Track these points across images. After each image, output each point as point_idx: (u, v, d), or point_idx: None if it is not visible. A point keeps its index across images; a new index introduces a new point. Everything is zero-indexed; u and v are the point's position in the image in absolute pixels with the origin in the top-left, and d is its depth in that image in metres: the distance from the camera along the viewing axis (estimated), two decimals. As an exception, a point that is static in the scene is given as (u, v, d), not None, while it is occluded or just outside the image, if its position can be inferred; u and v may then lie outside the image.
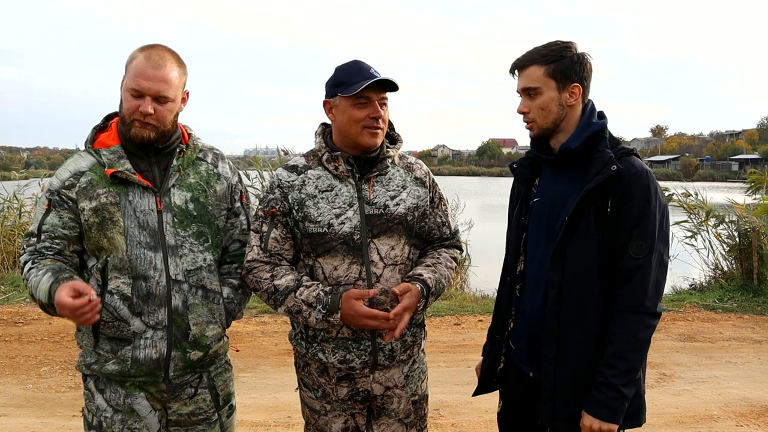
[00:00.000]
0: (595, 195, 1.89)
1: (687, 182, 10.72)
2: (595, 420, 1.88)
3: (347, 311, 1.99)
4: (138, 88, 1.96)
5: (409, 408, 2.22)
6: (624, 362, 1.87)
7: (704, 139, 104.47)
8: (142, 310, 1.99)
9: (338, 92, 2.06)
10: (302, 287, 2.04)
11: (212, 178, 2.15)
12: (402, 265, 2.12)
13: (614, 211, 1.88)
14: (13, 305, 6.84)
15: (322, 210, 2.07)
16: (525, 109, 2.01)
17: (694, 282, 8.74)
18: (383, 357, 2.12)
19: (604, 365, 1.88)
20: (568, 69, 1.95)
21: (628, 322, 1.87)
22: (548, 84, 1.95)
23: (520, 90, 2.02)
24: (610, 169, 1.87)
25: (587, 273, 1.91)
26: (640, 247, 1.86)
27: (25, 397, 4.48)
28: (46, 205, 2.02)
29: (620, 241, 1.88)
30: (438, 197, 2.25)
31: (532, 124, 2.02)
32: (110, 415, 2.04)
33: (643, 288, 1.87)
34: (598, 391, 1.88)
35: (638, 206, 1.87)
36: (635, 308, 1.87)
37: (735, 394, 4.71)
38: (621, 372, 1.87)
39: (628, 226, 1.87)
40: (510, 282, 2.13)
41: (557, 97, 1.96)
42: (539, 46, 2.00)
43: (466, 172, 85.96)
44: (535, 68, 1.97)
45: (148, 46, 2.03)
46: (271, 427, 4.04)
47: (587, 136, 1.96)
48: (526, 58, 1.99)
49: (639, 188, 1.87)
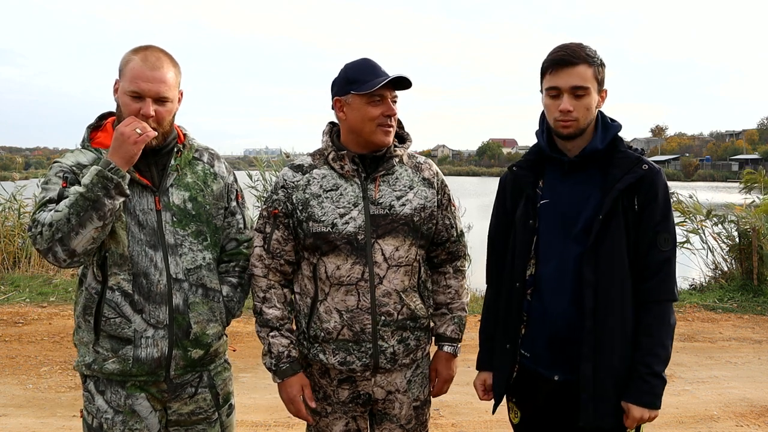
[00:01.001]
0: (624, 194, 1.95)
1: (687, 182, 10.74)
2: (645, 410, 1.93)
3: (286, 388, 2.14)
4: (138, 90, 1.95)
5: (410, 413, 2.20)
6: (664, 350, 1.96)
7: (704, 139, 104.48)
8: (143, 308, 1.99)
9: (352, 90, 2.05)
10: (278, 333, 2.13)
11: (209, 178, 2.15)
12: (407, 266, 2.10)
13: (641, 209, 1.95)
14: (13, 305, 6.84)
15: (327, 209, 2.07)
16: (570, 108, 1.94)
17: (694, 282, 8.74)
18: (384, 360, 2.11)
19: (647, 355, 1.94)
20: (603, 74, 2.01)
21: (662, 311, 1.96)
22: (594, 86, 1.98)
23: (568, 87, 1.94)
24: (641, 168, 1.95)
25: (621, 270, 1.95)
26: (667, 240, 1.96)
27: (25, 397, 4.48)
28: (63, 183, 1.97)
29: (649, 236, 1.95)
30: (447, 199, 2.24)
31: (571, 123, 1.96)
32: (111, 416, 2.04)
33: (671, 278, 1.98)
34: (643, 381, 1.93)
35: (662, 203, 1.96)
36: (667, 297, 1.97)
37: (735, 394, 4.71)
38: (663, 359, 1.95)
39: (654, 221, 1.95)
40: (520, 287, 2.07)
41: (597, 99, 2.00)
42: (574, 44, 1.99)
43: (466, 172, 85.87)
44: (585, 68, 1.95)
45: (141, 48, 2.02)
46: (271, 427, 4.04)
47: (612, 138, 2.02)
48: (576, 56, 1.94)
49: (661, 186, 1.97)
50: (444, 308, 2.28)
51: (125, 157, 1.89)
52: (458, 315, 2.28)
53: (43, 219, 1.88)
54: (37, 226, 1.89)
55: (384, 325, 2.08)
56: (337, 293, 2.07)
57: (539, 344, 2.05)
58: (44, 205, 1.93)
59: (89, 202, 1.85)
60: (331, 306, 2.08)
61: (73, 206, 1.85)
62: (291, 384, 2.14)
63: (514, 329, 2.09)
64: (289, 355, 2.13)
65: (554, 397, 2.04)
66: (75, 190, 1.87)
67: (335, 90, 2.12)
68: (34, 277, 8.07)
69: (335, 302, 2.08)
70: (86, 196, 1.85)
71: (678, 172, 70.20)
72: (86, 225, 1.85)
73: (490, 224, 2.25)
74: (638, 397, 1.93)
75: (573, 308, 1.97)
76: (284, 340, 2.13)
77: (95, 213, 1.85)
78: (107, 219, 1.88)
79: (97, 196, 1.85)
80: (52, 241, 1.86)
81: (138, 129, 1.89)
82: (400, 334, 2.11)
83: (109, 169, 1.86)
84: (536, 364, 2.07)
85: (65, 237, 1.85)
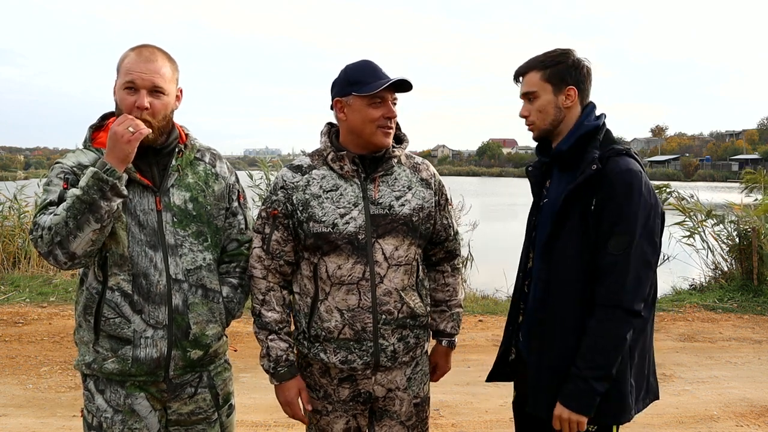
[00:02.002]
0: (581, 194, 1.97)
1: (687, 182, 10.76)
2: (565, 410, 1.97)
3: (284, 391, 2.16)
4: (132, 81, 1.96)
5: (410, 410, 2.22)
6: (599, 357, 1.92)
7: (704, 139, 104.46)
8: (142, 308, 1.99)
9: (353, 91, 2.06)
10: (277, 337, 2.14)
11: (210, 178, 2.15)
12: (406, 265, 2.12)
13: (598, 209, 1.95)
14: (13, 305, 6.84)
15: (327, 210, 2.07)
16: (525, 113, 2.13)
17: (694, 282, 8.74)
18: (385, 358, 2.12)
19: (579, 357, 1.95)
20: (563, 73, 2.06)
21: (605, 316, 1.92)
22: (545, 88, 2.07)
23: (521, 95, 2.14)
24: (590, 168, 1.95)
25: (571, 268, 1.99)
26: (619, 243, 1.91)
27: (25, 397, 4.48)
28: (63, 185, 1.97)
29: (602, 237, 1.94)
30: (444, 199, 2.27)
31: (532, 127, 2.14)
32: (110, 415, 2.04)
33: (620, 283, 1.91)
34: (570, 382, 1.96)
35: (619, 204, 1.92)
36: (611, 303, 1.91)
37: (735, 394, 4.71)
38: (594, 366, 1.92)
39: (609, 223, 1.93)
40: (521, 277, 2.25)
41: (554, 100, 2.07)
42: (539, 54, 2.13)
43: (466, 172, 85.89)
44: (533, 74, 2.09)
45: (137, 46, 2.04)
46: (271, 427, 4.04)
47: (577, 138, 2.06)
48: (525, 66, 2.12)
49: (620, 186, 1.92)
50: (443, 305, 2.34)
51: (120, 157, 1.87)
52: (456, 311, 2.37)
53: (43, 222, 1.88)
54: (38, 229, 1.89)
55: (385, 323, 2.09)
56: (338, 293, 2.08)
57: (525, 331, 2.21)
58: (45, 207, 1.92)
59: (86, 205, 1.84)
60: (331, 305, 2.08)
61: (71, 209, 1.85)
62: (288, 387, 2.16)
63: (515, 315, 2.27)
64: (287, 358, 2.14)
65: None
66: (72, 193, 1.87)
67: (336, 91, 2.13)
68: (34, 277, 8.07)
69: (336, 302, 2.08)
70: (82, 198, 1.84)
71: (678, 172, 70.22)
72: (84, 228, 1.85)
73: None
74: (563, 396, 1.97)
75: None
76: (282, 343, 2.14)
77: (92, 215, 1.85)
78: (105, 221, 1.87)
79: (93, 199, 1.84)
80: (52, 245, 1.86)
81: (131, 127, 1.87)
82: (400, 333, 2.13)
83: (104, 170, 1.85)
84: (524, 349, 2.22)
85: (64, 240, 1.85)
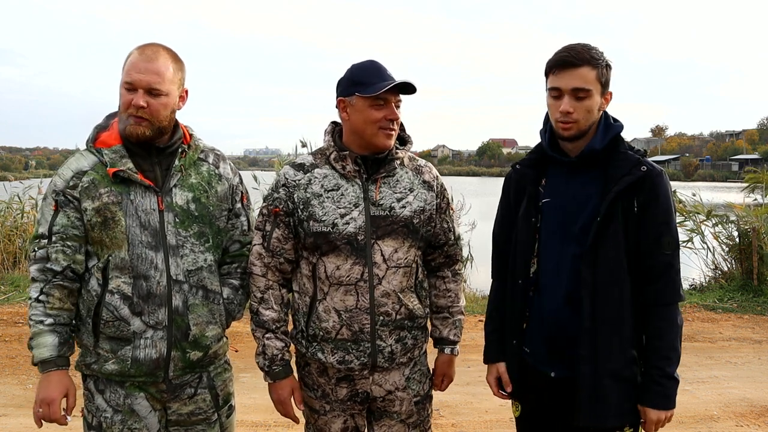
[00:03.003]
0: (622, 195, 1.93)
1: (687, 182, 10.74)
2: (661, 411, 1.96)
3: (277, 390, 2.16)
4: (130, 80, 1.97)
5: (411, 408, 2.21)
6: (675, 352, 1.97)
7: (704, 139, 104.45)
8: (142, 310, 1.99)
9: (356, 92, 2.05)
10: (273, 335, 2.14)
11: (213, 179, 2.15)
12: (406, 267, 2.11)
13: (641, 211, 1.93)
14: (13, 305, 6.84)
15: (327, 209, 2.07)
16: (570, 109, 1.95)
17: (694, 282, 8.74)
18: (382, 359, 2.11)
19: (659, 358, 1.96)
20: (608, 76, 1.99)
21: (669, 314, 1.97)
22: (597, 88, 1.96)
23: (569, 89, 1.94)
24: (639, 170, 1.93)
25: (619, 272, 1.95)
26: (670, 243, 1.95)
27: (25, 397, 4.48)
28: (53, 206, 2.00)
29: (649, 239, 1.94)
30: (446, 203, 2.25)
31: (573, 125, 1.97)
32: (110, 415, 2.04)
33: (677, 280, 1.98)
34: (657, 384, 1.95)
35: (664, 205, 1.94)
36: (673, 300, 1.97)
37: (735, 394, 4.71)
38: (674, 361, 1.97)
39: (656, 224, 1.94)
40: (522, 285, 2.10)
41: (600, 102, 1.99)
42: (579, 46, 1.97)
43: (466, 172, 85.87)
44: (588, 69, 1.94)
45: (144, 44, 2.04)
46: (271, 427, 4.04)
47: (611, 138, 2.00)
48: (580, 58, 1.93)
49: (663, 188, 1.94)
50: (445, 312, 2.31)
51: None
52: (458, 318, 2.33)
53: (31, 272, 2.00)
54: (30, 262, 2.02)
55: (382, 324, 2.09)
56: (337, 293, 2.07)
57: (538, 341, 2.09)
58: (37, 240, 2.01)
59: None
60: (330, 306, 2.08)
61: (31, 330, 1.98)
62: (282, 386, 2.16)
63: (518, 326, 2.13)
64: (283, 358, 2.15)
65: (551, 394, 2.07)
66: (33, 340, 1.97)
67: (340, 90, 2.12)
68: (34, 277, 8.04)
69: (334, 302, 2.08)
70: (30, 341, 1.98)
71: (678, 172, 70.17)
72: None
73: (495, 220, 2.27)
74: (654, 400, 1.96)
75: (568, 308, 1.99)
76: (279, 343, 2.14)
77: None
78: None
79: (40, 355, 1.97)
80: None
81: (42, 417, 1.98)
82: (398, 334, 2.12)
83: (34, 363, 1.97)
84: (535, 360, 2.11)
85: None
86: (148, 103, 1.97)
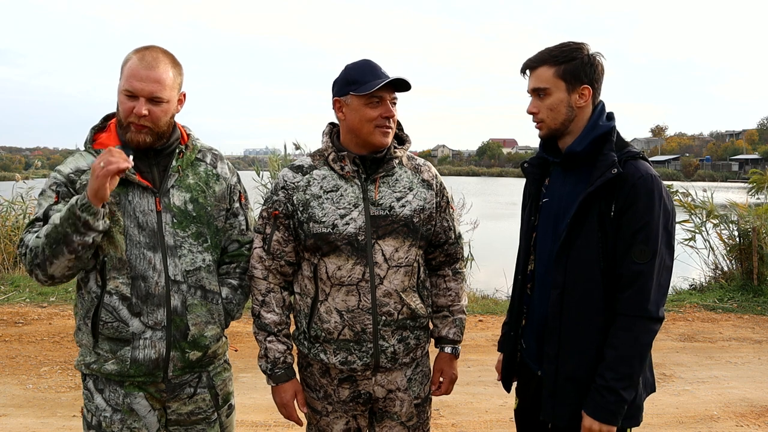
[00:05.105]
0: (599, 198, 1.89)
1: (687, 182, 10.72)
2: (595, 422, 1.89)
3: (280, 393, 2.17)
4: (131, 89, 1.95)
5: (411, 411, 2.21)
6: (626, 366, 1.87)
7: (704, 139, 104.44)
8: (141, 311, 1.99)
9: (351, 91, 2.05)
10: (275, 338, 2.15)
11: (211, 179, 2.15)
12: (407, 267, 2.11)
13: (618, 215, 1.88)
14: (13, 305, 6.83)
15: (327, 210, 2.07)
16: (534, 110, 2.01)
17: (694, 282, 8.74)
18: (385, 359, 2.11)
19: (606, 368, 1.88)
20: (578, 70, 1.95)
21: (630, 326, 1.87)
22: (558, 85, 1.95)
23: (530, 90, 2.02)
24: (610, 172, 1.87)
25: (589, 275, 1.91)
26: (643, 253, 1.86)
27: (25, 397, 4.48)
28: (55, 198, 1.99)
29: (623, 245, 1.88)
30: (446, 201, 2.25)
31: (541, 125, 2.02)
32: (109, 414, 2.04)
33: (645, 292, 1.86)
34: (598, 394, 1.89)
35: (641, 211, 1.86)
36: (637, 312, 1.86)
37: (735, 394, 4.71)
38: (622, 376, 1.87)
39: (630, 230, 1.86)
40: (521, 281, 2.15)
41: (566, 98, 1.96)
42: (551, 46, 2.00)
43: (466, 172, 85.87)
44: (545, 69, 1.97)
45: (142, 48, 2.01)
46: (271, 427, 4.04)
47: (592, 139, 1.96)
48: (537, 59, 1.99)
49: (643, 193, 1.86)
50: (445, 311, 2.31)
51: (92, 191, 1.84)
52: (459, 317, 2.32)
53: (27, 241, 1.93)
54: (23, 247, 1.94)
55: (384, 324, 2.08)
56: (338, 293, 2.07)
57: (531, 338, 2.12)
58: (32, 224, 1.97)
59: (60, 236, 1.86)
60: (331, 306, 2.08)
61: (48, 237, 1.88)
62: (285, 389, 2.16)
63: (517, 321, 2.17)
64: (285, 361, 2.15)
65: (537, 390, 2.09)
66: (52, 221, 1.89)
67: (335, 90, 2.13)
68: (34, 277, 8.04)
69: (336, 302, 2.08)
70: (58, 230, 1.86)
71: (678, 172, 70.14)
72: (58, 257, 1.88)
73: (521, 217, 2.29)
74: (591, 408, 1.90)
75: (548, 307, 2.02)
76: (281, 345, 2.14)
77: (66, 247, 1.87)
78: (79, 252, 1.89)
79: (66, 232, 1.85)
80: (32, 265, 1.92)
81: (102, 162, 1.83)
82: (400, 334, 2.12)
83: (80, 206, 1.84)
84: (528, 356, 2.14)
85: (42, 264, 1.90)
86: (150, 111, 1.96)
